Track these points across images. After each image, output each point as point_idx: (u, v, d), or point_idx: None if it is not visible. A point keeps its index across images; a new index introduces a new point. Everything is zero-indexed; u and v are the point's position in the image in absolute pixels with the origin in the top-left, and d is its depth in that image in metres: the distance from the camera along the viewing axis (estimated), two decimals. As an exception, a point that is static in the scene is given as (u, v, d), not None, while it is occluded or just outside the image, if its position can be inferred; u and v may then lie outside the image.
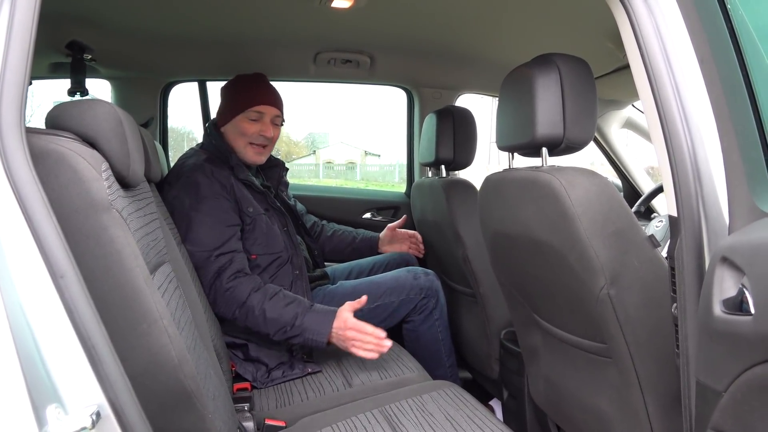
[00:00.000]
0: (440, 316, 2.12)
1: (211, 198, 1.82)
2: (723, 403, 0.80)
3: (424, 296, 2.07)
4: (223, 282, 1.75)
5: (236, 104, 1.99)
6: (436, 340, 2.11)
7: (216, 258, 1.77)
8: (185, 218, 1.79)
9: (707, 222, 0.95)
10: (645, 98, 1.04)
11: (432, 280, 2.11)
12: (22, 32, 0.80)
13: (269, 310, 1.73)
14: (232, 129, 1.99)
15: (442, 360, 2.12)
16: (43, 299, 0.75)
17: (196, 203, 1.80)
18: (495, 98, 2.76)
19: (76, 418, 0.72)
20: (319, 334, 1.72)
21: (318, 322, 1.73)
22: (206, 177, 1.84)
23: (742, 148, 0.91)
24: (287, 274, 1.95)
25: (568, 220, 1.18)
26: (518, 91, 1.32)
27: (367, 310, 2.01)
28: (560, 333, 1.44)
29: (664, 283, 1.11)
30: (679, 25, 0.99)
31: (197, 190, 1.82)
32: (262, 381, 1.80)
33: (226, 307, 1.76)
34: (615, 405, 1.30)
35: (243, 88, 2.01)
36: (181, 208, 1.81)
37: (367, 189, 4.38)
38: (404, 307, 2.06)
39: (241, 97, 1.99)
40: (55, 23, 1.87)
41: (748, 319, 0.73)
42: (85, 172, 0.87)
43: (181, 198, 1.82)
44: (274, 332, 1.74)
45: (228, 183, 1.87)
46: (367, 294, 1.97)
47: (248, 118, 1.98)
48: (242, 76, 2.05)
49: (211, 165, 1.88)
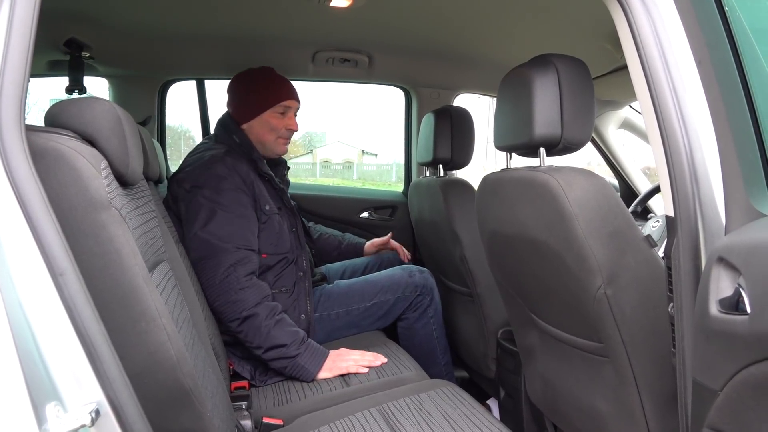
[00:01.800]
0: (435, 314, 2.13)
1: (233, 190, 1.81)
2: (719, 402, 0.81)
3: (419, 294, 2.08)
4: (239, 277, 1.73)
5: (264, 100, 1.99)
6: (431, 337, 2.12)
7: (235, 250, 1.75)
8: (205, 207, 1.77)
9: (704, 222, 0.96)
10: (642, 99, 1.05)
11: (426, 277, 2.12)
12: (22, 30, 0.80)
13: (274, 326, 1.73)
14: (260, 124, 1.99)
15: (437, 358, 2.12)
16: (42, 297, 0.75)
17: (216, 195, 1.79)
18: (492, 98, 2.77)
19: (76, 415, 0.73)
20: (312, 364, 1.74)
21: (314, 354, 1.76)
22: (227, 169, 1.84)
23: (739, 150, 0.92)
24: (291, 274, 1.95)
25: (565, 220, 1.19)
26: (516, 91, 1.33)
27: (363, 308, 2.02)
28: (557, 332, 1.45)
29: (660, 283, 1.11)
30: (676, 27, 1.00)
31: (218, 181, 1.81)
32: (261, 379, 1.80)
33: (233, 306, 1.72)
34: (611, 404, 1.31)
35: (269, 84, 2.01)
36: (200, 198, 1.79)
37: (365, 188, 4.38)
38: (399, 305, 2.07)
39: (270, 93, 2.00)
40: (54, 21, 1.86)
41: (744, 319, 0.73)
42: (84, 170, 0.87)
43: (200, 188, 1.80)
44: (267, 348, 1.72)
45: (248, 179, 1.87)
46: (362, 292, 1.98)
47: (277, 112, 1.99)
48: (257, 72, 2.04)
49: (232, 158, 1.88)
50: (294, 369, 1.74)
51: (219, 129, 2.03)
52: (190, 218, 1.79)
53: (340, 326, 2.04)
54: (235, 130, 1.99)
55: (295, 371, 1.74)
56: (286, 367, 1.74)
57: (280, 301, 1.85)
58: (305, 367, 1.74)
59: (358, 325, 2.06)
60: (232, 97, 2.06)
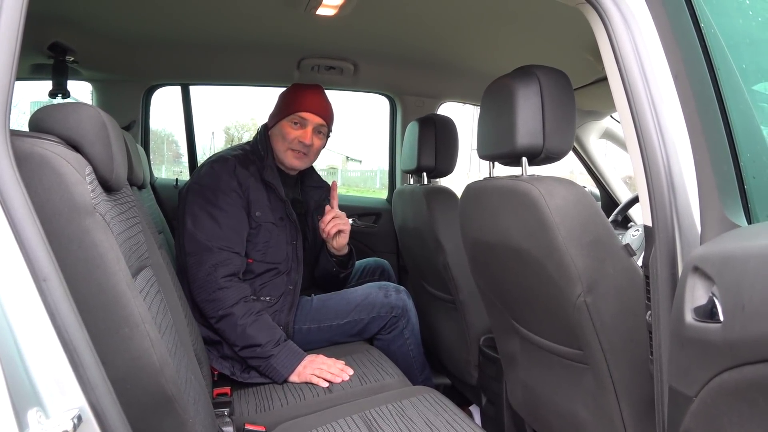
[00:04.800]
0: (411, 335, 2.10)
1: (226, 191, 1.86)
2: (694, 408, 0.83)
3: (394, 315, 2.05)
4: (218, 278, 1.77)
5: (283, 108, 2.04)
6: (408, 357, 2.10)
7: (218, 251, 1.79)
8: (195, 205, 1.84)
9: (680, 232, 0.98)
10: (622, 110, 1.07)
11: (403, 298, 2.08)
12: (8, 35, 0.79)
13: (250, 325, 1.76)
14: (277, 132, 2.03)
15: (415, 376, 2.11)
16: (25, 302, 0.74)
17: (210, 194, 1.85)
18: (476, 107, 2.80)
19: (58, 421, 0.72)
20: (284, 367, 1.77)
21: (289, 356, 1.78)
22: (225, 170, 1.89)
23: (714, 162, 0.95)
24: (280, 285, 1.95)
25: (546, 229, 1.21)
26: (499, 101, 1.35)
27: (336, 325, 2.02)
28: (538, 339, 1.46)
29: (639, 291, 1.13)
30: (654, 42, 1.02)
31: (214, 181, 1.87)
32: (242, 376, 1.81)
33: (212, 304, 1.77)
34: (591, 410, 1.33)
35: (292, 94, 2.05)
36: (194, 195, 1.86)
37: (349, 195, 4.38)
38: (374, 324, 2.05)
39: (289, 102, 2.03)
40: (39, 24, 1.85)
41: (718, 327, 0.75)
42: (68, 175, 0.86)
43: (197, 185, 1.88)
44: (243, 347, 1.76)
45: (246, 182, 1.91)
46: (336, 309, 1.99)
47: (292, 122, 2.01)
48: (300, 83, 2.11)
49: (237, 161, 1.92)
50: (267, 369, 1.78)
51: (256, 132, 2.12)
52: (181, 214, 1.86)
53: (312, 340, 2.01)
54: (262, 134, 2.06)
55: (267, 371, 1.78)
56: (260, 366, 1.78)
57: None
58: (277, 369, 1.77)
59: (330, 341, 2.05)
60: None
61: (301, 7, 1.82)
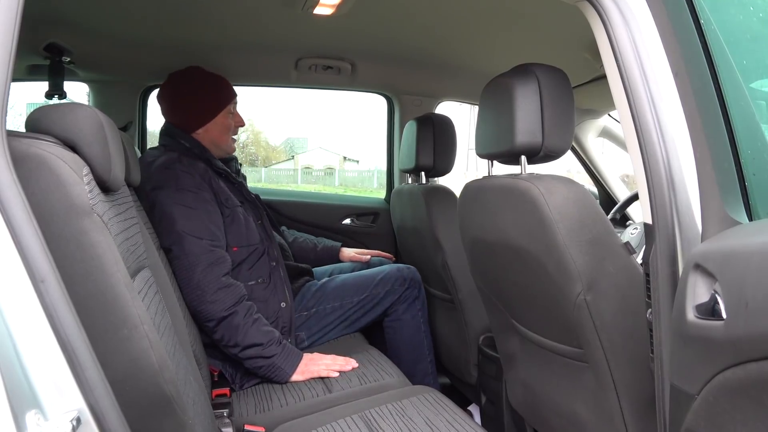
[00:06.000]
0: (422, 307, 2.17)
1: (194, 189, 1.81)
2: (696, 406, 0.82)
3: (408, 287, 2.13)
4: (218, 277, 1.74)
5: (216, 103, 2.00)
6: (419, 330, 2.15)
7: (209, 250, 1.76)
8: (169, 207, 1.76)
9: (681, 229, 0.98)
10: (621, 109, 1.07)
11: (414, 272, 2.18)
12: (4, 35, 0.79)
13: (251, 324, 1.75)
14: (215, 128, 1.99)
15: (424, 353, 2.15)
16: (23, 303, 0.74)
17: (180, 195, 1.78)
18: (474, 106, 2.80)
19: (56, 423, 0.72)
20: (288, 365, 1.76)
21: (290, 355, 1.78)
22: (184, 169, 1.83)
23: (715, 159, 0.94)
24: (264, 265, 1.95)
25: (546, 227, 1.20)
26: (498, 100, 1.34)
27: (356, 301, 2.07)
28: (538, 338, 1.46)
29: (639, 289, 1.13)
30: (654, 39, 1.02)
31: (177, 181, 1.80)
32: (240, 383, 1.80)
33: (211, 306, 1.72)
34: (591, 409, 1.33)
35: (214, 86, 2.02)
36: (164, 198, 1.77)
37: (347, 195, 4.38)
38: (389, 298, 2.11)
39: (219, 95, 2.02)
40: (34, 25, 1.84)
41: (720, 324, 0.75)
42: (66, 176, 0.86)
43: (161, 189, 1.78)
44: (245, 346, 1.73)
45: (206, 176, 1.88)
46: (356, 286, 2.04)
47: (228, 113, 2.02)
48: (193, 76, 2.02)
49: (187, 159, 1.88)
50: (269, 369, 1.75)
51: (165, 139, 1.99)
52: (157, 219, 1.76)
53: (332, 321, 2.06)
54: (183, 137, 1.96)
55: (270, 371, 1.75)
56: (262, 367, 1.75)
57: (259, 293, 1.87)
58: (281, 368, 1.75)
59: (348, 319, 2.08)
60: (174, 107, 2.01)
61: (298, 7, 1.81)
